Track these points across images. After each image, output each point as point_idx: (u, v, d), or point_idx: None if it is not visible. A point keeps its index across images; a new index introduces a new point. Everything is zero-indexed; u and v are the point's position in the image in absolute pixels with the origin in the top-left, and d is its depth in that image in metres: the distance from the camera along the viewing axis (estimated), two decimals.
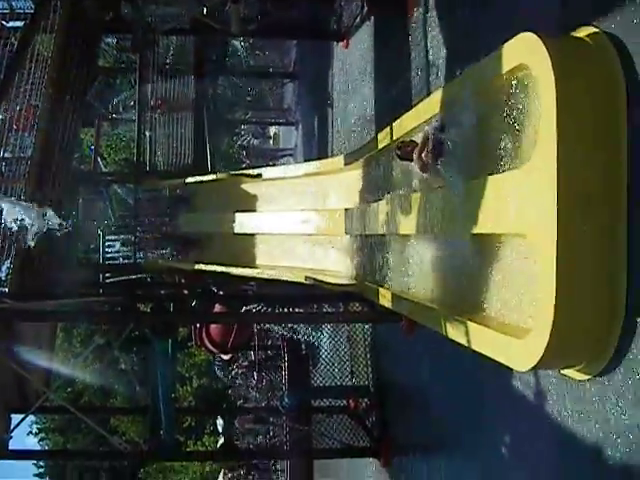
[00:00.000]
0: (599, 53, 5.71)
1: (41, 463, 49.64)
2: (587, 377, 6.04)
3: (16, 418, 14.15)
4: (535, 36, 5.65)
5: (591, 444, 6.27)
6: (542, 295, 5.59)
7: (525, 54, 5.80)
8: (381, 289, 9.23)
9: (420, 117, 7.97)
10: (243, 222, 13.72)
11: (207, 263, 14.40)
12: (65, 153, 13.88)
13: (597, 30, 5.85)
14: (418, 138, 7.85)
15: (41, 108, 12.31)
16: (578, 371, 6.09)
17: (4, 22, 13.79)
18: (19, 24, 13.62)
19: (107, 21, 15.79)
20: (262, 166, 22.99)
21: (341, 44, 18.99)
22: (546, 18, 7.02)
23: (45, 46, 12.83)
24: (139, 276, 18.90)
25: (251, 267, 13.11)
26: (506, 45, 6.09)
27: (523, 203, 5.84)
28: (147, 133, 19.67)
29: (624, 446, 5.80)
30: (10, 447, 13.98)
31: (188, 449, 34.92)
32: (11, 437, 13.89)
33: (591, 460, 6.29)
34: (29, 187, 12.04)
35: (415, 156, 7.70)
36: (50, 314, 12.15)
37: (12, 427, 13.91)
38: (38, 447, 47.14)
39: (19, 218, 10.02)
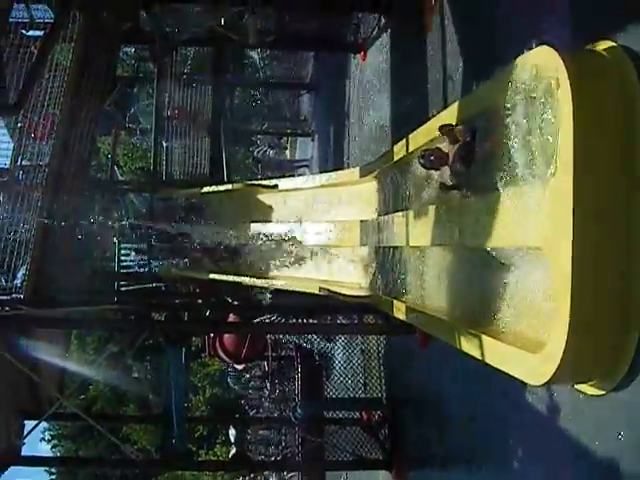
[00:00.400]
0: (616, 66, 5.70)
1: (53, 470, 49.76)
2: (601, 392, 6.01)
3: (29, 424, 14.22)
4: (552, 49, 5.64)
5: (606, 461, 6.23)
6: (557, 309, 5.57)
7: (542, 67, 5.80)
8: (395, 301, 9.21)
9: (436, 130, 7.96)
10: (258, 232, 13.74)
11: (222, 272, 14.42)
12: (82, 161, 13.95)
13: (614, 44, 5.84)
14: (443, 146, 7.79)
15: (59, 117, 12.38)
16: (592, 386, 6.06)
17: (24, 31, 13.87)
18: (39, 33, 13.70)
19: (126, 31, 15.87)
20: (278, 177, 23.02)
21: (359, 56, 19.04)
22: (563, 31, 7.03)
23: (64, 55, 12.92)
24: (154, 285, 18.96)
25: (266, 277, 13.12)
26: (523, 58, 6.09)
27: (539, 216, 5.82)
28: (164, 142, 19.75)
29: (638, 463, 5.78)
30: (23, 453, 14.06)
31: (200, 458, 34.87)
32: (24, 443, 13.96)
33: (605, 477, 6.26)
34: (46, 195, 12.11)
35: (450, 160, 7.59)
36: (64, 321, 12.21)
37: (25, 433, 13.97)
38: (50, 454, 47.20)
39: None
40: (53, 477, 51.70)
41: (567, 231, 5.33)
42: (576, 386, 6.30)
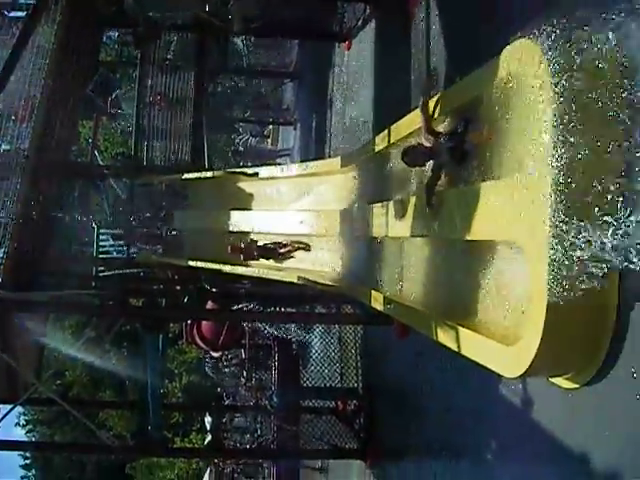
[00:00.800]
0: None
1: (28, 455, 49.60)
2: (575, 386, 6.06)
3: (4, 409, 14.16)
4: (532, 42, 5.64)
5: (577, 453, 6.29)
6: (533, 303, 5.60)
7: (523, 61, 5.80)
8: (373, 291, 9.23)
9: (417, 122, 7.95)
10: (238, 220, 13.72)
11: (201, 260, 14.38)
12: (63, 145, 13.88)
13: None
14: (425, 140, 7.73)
15: (40, 99, 12.30)
16: (567, 379, 6.11)
17: (6, 12, 13.77)
18: (21, 14, 13.60)
19: (110, 15, 15.79)
20: (259, 165, 22.95)
21: (343, 45, 19.02)
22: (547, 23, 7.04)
23: (46, 38, 12.82)
24: (132, 270, 18.88)
25: (245, 265, 13.10)
26: (504, 51, 6.10)
27: (517, 210, 5.84)
28: (145, 128, 19.66)
29: (610, 455, 5.84)
30: None
31: (175, 445, 34.85)
32: None
33: (575, 468, 6.32)
34: (25, 179, 12.03)
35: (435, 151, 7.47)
36: (42, 305, 12.15)
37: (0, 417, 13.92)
38: (25, 439, 47.01)
39: None
40: (28, 462, 51.61)
41: (544, 225, 5.35)
42: (551, 379, 6.34)
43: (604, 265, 5.16)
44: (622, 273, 5.46)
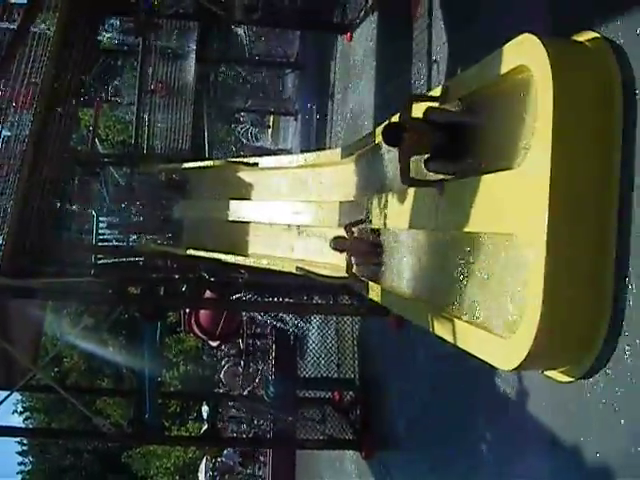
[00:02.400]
0: (597, 57, 5.73)
1: (25, 441, 49.69)
2: (570, 379, 6.08)
3: (1, 395, 14.19)
4: (535, 37, 5.66)
5: (570, 446, 6.32)
6: (529, 295, 5.62)
7: (524, 55, 5.82)
8: (371, 283, 9.24)
9: (417, 114, 7.95)
10: (238, 210, 13.72)
11: (200, 249, 14.40)
12: (63, 132, 13.87)
13: (596, 35, 5.88)
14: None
15: (41, 87, 12.28)
16: (562, 373, 6.13)
17: None
18: (23, 1, 13.57)
19: (111, 2, 15.76)
20: (260, 155, 22.95)
21: (344, 37, 18.98)
22: (548, 20, 7.06)
23: (48, 24, 12.80)
24: (131, 259, 18.91)
25: (243, 255, 13.11)
26: (506, 46, 6.11)
27: (515, 203, 5.87)
28: (146, 116, 19.66)
29: (604, 450, 5.86)
30: None
31: (172, 434, 34.91)
32: None
33: (569, 462, 6.35)
34: (25, 166, 12.02)
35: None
36: (40, 292, 12.16)
37: None
38: (23, 426, 47.10)
39: None
40: (25, 449, 51.72)
41: (542, 219, 5.37)
42: (546, 372, 6.36)
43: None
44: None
